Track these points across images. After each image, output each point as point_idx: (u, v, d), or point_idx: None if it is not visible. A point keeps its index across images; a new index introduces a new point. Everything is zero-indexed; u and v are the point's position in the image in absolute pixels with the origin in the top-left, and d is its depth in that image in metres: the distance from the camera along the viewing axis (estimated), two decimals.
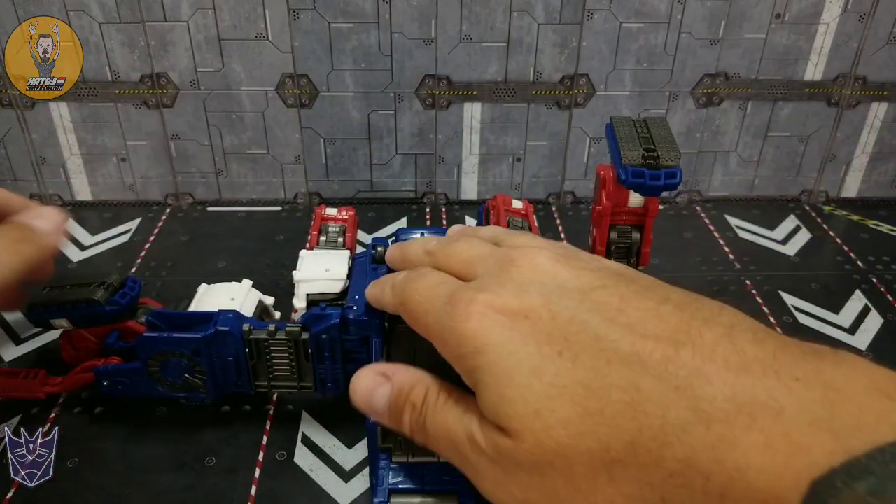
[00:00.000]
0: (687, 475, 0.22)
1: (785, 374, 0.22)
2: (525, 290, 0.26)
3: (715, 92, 0.59)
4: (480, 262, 0.29)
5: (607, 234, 0.37)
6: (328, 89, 0.57)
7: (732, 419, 0.22)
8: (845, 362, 0.23)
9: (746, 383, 0.22)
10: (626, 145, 0.34)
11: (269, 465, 0.37)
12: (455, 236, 0.32)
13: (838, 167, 0.63)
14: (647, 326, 0.24)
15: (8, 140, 0.58)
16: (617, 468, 0.23)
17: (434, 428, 0.27)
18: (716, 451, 0.22)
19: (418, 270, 0.30)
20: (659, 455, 0.22)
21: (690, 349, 0.23)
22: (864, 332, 0.48)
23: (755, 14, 0.55)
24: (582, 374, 0.23)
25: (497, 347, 0.24)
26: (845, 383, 0.22)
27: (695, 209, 0.63)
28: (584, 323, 0.24)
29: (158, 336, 0.36)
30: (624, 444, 0.23)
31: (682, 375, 0.23)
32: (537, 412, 0.23)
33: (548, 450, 0.23)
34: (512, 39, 0.55)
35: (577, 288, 0.26)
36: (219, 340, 0.36)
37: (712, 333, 0.24)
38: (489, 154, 0.61)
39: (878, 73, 0.58)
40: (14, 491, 0.35)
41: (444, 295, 0.27)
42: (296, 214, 0.61)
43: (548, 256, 0.27)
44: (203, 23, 0.54)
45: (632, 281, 0.27)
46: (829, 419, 0.21)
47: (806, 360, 0.23)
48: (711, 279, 0.53)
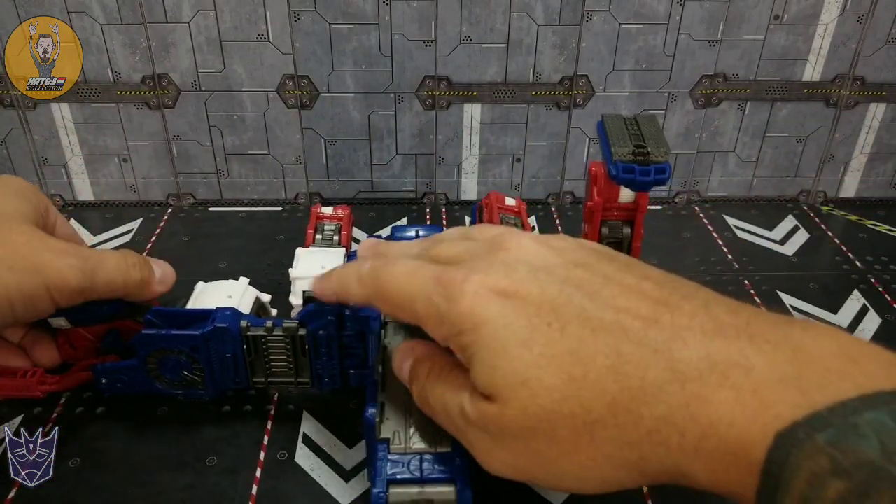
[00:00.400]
0: (663, 432, 0.23)
1: (758, 338, 0.23)
2: (514, 270, 0.27)
3: (714, 93, 0.59)
4: (467, 252, 0.29)
5: (599, 230, 0.37)
6: (329, 90, 0.57)
7: (706, 377, 0.23)
8: (815, 328, 0.24)
9: (721, 345, 0.23)
10: (617, 142, 0.34)
11: (270, 464, 0.37)
12: (439, 237, 0.33)
13: (837, 167, 0.63)
14: (630, 299, 0.25)
15: (10, 141, 0.58)
16: (598, 429, 0.24)
17: (434, 400, 0.29)
18: (690, 407, 0.23)
19: (387, 255, 0.31)
20: (638, 414, 0.23)
21: (669, 317, 0.25)
22: (862, 332, 0.48)
23: (754, 15, 0.56)
24: (569, 343, 0.25)
25: (492, 322, 0.25)
26: (814, 347, 0.23)
27: (693, 209, 0.63)
28: (570, 296, 0.25)
29: (157, 333, 0.37)
30: (605, 405, 0.24)
31: (661, 340, 0.24)
32: (525, 381, 0.24)
33: (532, 415, 0.24)
34: (511, 41, 0.56)
35: (562, 265, 0.27)
36: (216, 337, 0.37)
37: (690, 305, 0.25)
38: (489, 154, 0.61)
39: (876, 73, 0.58)
40: (15, 491, 0.35)
41: (430, 277, 0.28)
42: (296, 215, 0.61)
43: (532, 239, 0.28)
44: (204, 24, 0.54)
45: (613, 259, 0.28)
46: (797, 377, 0.22)
47: (778, 327, 0.24)
48: (710, 279, 0.53)
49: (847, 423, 0.20)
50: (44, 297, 0.33)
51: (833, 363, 0.22)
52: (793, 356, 0.22)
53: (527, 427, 0.25)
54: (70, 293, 0.34)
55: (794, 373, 0.22)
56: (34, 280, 0.33)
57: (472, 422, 0.26)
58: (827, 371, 0.22)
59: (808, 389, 0.21)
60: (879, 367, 0.22)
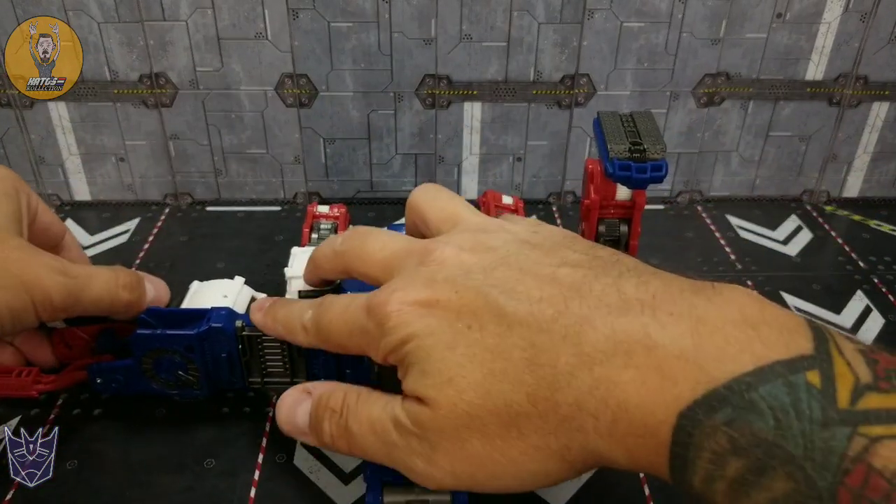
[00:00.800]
0: (579, 418, 0.24)
1: (661, 311, 0.24)
2: (434, 280, 0.28)
3: (716, 91, 0.58)
4: (396, 262, 0.30)
5: (596, 228, 0.37)
6: (328, 89, 0.57)
7: (611, 359, 0.23)
8: (721, 296, 0.24)
9: (624, 323, 0.24)
10: (613, 139, 0.34)
11: (268, 467, 0.37)
12: (362, 230, 0.33)
13: (840, 167, 0.63)
14: (543, 289, 0.26)
15: (6, 140, 0.58)
16: (523, 421, 0.25)
17: (358, 424, 0.28)
18: (599, 390, 0.23)
19: (323, 302, 0.31)
20: (554, 402, 0.24)
21: (578, 301, 0.25)
22: (865, 333, 0.47)
23: (756, 13, 0.55)
24: (489, 341, 0.25)
25: (418, 334, 0.26)
26: (716, 316, 0.23)
27: (696, 209, 0.62)
28: (487, 296, 0.26)
29: (152, 333, 0.36)
30: (524, 396, 0.24)
31: (570, 325, 0.24)
32: (451, 379, 0.25)
33: (462, 413, 0.25)
34: (512, 39, 0.55)
35: (480, 269, 0.27)
36: (212, 337, 0.36)
37: (601, 284, 0.25)
38: (489, 154, 0.61)
39: (879, 72, 0.58)
40: (14, 491, 0.35)
41: (360, 309, 0.29)
42: (295, 214, 0.61)
43: (454, 248, 0.29)
44: (202, 22, 0.54)
45: (534, 248, 0.28)
46: (696, 350, 0.22)
47: (683, 297, 0.24)
48: (712, 280, 0.52)
49: (743, 401, 0.21)
50: (30, 313, 0.33)
51: (732, 332, 0.22)
52: (694, 328, 0.23)
53: (460, 425, 0.25)
54: (54, 310, 0.34)
55: (693, 346, 0.22)
56: (22, 297, 0.33)
57: (407, 431, 0.27)
58: (726, 342, 0.22)
59: (707, 364, 0.22)
60: (779, 334, 0.22)
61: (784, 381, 0.21)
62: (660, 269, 0.27)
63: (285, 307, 0.34)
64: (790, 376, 0.21)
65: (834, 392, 0.20)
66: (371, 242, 0.32)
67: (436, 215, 0.33)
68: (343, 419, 0.29)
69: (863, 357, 0.22)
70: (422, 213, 0.34)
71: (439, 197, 0.34)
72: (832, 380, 0.21)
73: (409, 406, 0.27)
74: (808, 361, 0.21)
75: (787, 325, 0.23)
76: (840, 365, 0.21)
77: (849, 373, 0.21)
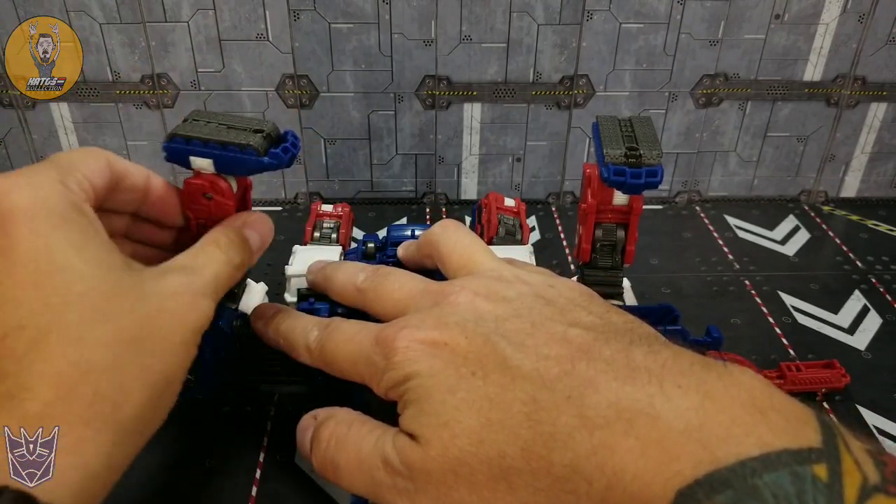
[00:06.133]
0: (572, 480, 0.23)
1: (668, 382, 0.23)
2: (445, 322, 0.28)
3: (714, 92, 0.59)
4: (412, 301, 0.31)
5: (592, 232, 0.37)
6: (328, 90, 0.57)
7: (612, 425, 0.23)
8: (731, 375, 0.23)
9: (630, 391, 0.23)
10: (609, 144, 0.34)
11: (269, 466, 0.37)
12: (384, 270, 0.33)
13: (837, 167, 0.63)
14: (552, 347, 0.26)
15: (9, 140, 0.58)
16: (513, 475, 0.24)
17: (346, 459, 0.28)
18: (597, 456, 0.23)
19: (330, 325, 0.31)
20: (549, 460, 0.23)
21: (586, 364, 0.25)
22: (863, 332, 0.48)
23: (754, 14, 0.55)
24: (490, 390, 0.25)
25: (422, 373, 0.26)
26: (724, 395, 0.22)
27: (694, 209, 0.63)
28: (495, 346, 0.26)
29: None
30: (519, 450, 0.24)
31: (574, 386, 0.24)
32: (446, 423, 0.25)
33: (452, 457, 0.25)
34: (512, 40, 0.56)
35: (493, 317, 0.28)
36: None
37: (610, 349, 0.25)
38: (489, 154, 0.61)
39: (877, 73, 0.58)
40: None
41: (368, 339, 0.29)
42: (296, 215, 0.61)
43: (470, 293, 0.29)
44: (203, 23, 0.54)
45: (548, 303, 0.28)
46: (700, 428, 0.22)
47: (692, 370, 0.24)
48: (711, 279, 0.53)
49: (746, 486, 0.20)
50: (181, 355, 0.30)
51: (740, 414, 0.22)
52: (700, 404, 0.22)
53: (448, 470, 0.25)
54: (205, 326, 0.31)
55: (699, 423, 0.22)
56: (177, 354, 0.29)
57: (395, 469, 0.26)
58: (733, 423, 0.21)
59: (711, 443, 0.21)
60: (787, 423, 0.21)
61: (790, 472, 0.20)
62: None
63: (288, 320, 0.34)
64: (796, 467, 0.20)
65: (841, 489, 0.20)
66: (390, 282, 0.32)
67: (455, 259, 0.33)
68: (330, 451, 0.29)
69: (871, 458, 0.21)
70: (440, 253, 0.34)
71: (460, 240, 0.34)
72: (839, 476, 0.20)
73: (401, 442, 0.26)
74: (816, 454, 0.20)
75: (795, 414, 0.22)
76: (848, 462, 0.20)
77: (857, 471, 0.20)
